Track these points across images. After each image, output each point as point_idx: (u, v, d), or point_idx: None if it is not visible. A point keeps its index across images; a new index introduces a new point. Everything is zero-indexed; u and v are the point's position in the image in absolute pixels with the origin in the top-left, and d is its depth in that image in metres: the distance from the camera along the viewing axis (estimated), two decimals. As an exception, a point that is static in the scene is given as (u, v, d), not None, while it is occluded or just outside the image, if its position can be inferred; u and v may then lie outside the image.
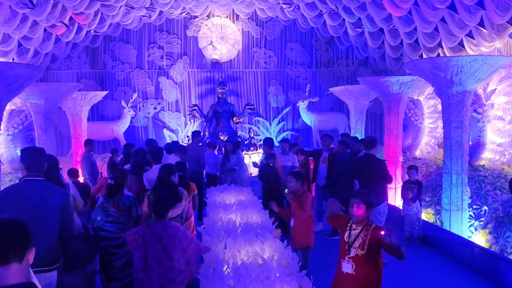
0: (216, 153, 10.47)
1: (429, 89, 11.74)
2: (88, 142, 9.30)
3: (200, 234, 5.22)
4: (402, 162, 10.14)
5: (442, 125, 11.54)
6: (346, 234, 3.80)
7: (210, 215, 5.84)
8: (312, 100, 15.09)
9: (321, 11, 13.15)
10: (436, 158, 11.43)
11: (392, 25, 11.27)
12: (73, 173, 7.20)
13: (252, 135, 14.10)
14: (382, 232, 3.48)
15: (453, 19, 9.88)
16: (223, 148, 12.46)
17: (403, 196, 7.87)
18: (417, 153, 11.82)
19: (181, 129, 15.59)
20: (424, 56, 12.48)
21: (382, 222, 6.43)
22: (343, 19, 13.31)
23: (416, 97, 11.80)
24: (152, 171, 5.95)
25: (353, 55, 15.96)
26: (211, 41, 15.47)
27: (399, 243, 3.45)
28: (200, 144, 9.71)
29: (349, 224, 3.83)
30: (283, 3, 12.73)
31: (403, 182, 7.97)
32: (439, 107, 11.51)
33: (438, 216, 8.42)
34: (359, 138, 9.38)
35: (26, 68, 6.81)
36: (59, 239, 3.56)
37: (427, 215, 8.75)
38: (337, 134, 14.76)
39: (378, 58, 14.64)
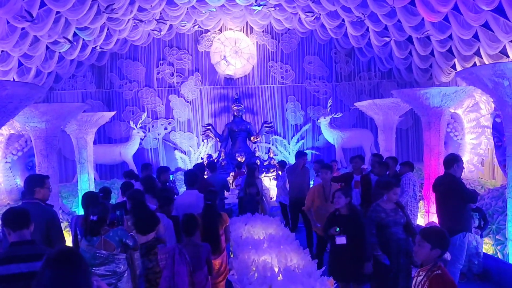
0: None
1: (469, 101, 10.71)
2: (146, 167, 7.68)
3: (230, 283, 4.54)
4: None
5: (486, 141, 10.51)
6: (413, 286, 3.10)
7: (240, 257, 4.86)
8: (335, 116, 14.05)
9: (342, 20, 12.21)
10: (480, 178, 10.28)
11: (426, 32, 10.26)
12: None
13: (271, 155, 13.03)
14: None
15: (497, 22, 8.88)
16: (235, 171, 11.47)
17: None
18: (458, 172, 10.67)
19: (194, 150, 14.57)
20: (458, 65, 11.51)
21: (459, 258, 5.33)
22: (367, 29, 12.36)
23: (453, 111, 10.72)
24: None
25: (376, 67, 14.98)
26: (224, 56, 14.54)
27: None
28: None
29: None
30: (305, 12, 11.77)
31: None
32: (483, 120, 10.47)
33: (499, 247, 7.26)
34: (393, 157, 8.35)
35: (22, 87, 5.84)
36: None
37: (484, 246, 7.57)
38: (362, 152, 13.71)
39: (403, 69, 13.67)
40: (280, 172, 9.83)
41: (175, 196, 6.93)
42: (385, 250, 5.12)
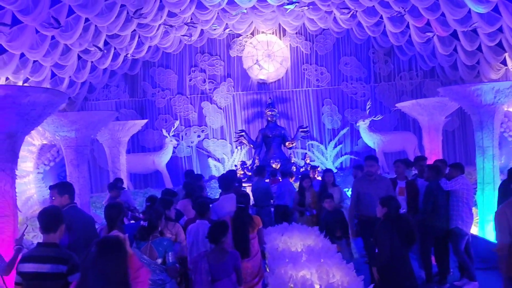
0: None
1: (524, 98, 9.76)
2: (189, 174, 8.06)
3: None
4: (501, 188, 8.16)
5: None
6: None
7: (276, 272, 4.39)
8: (375, 119, 13.30)
9: (381, 17, 11.55)
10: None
11: (473, 24, 9.47)
12: None
13: (308, 161, 12.45)
14: None
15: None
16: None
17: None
18: (513, 176, 9.72)
19: (228, 157, 14.20)
20: (508, 60, 10.62)
21: None
22: (407, 25, 11.64)
23: (506, 109, 9.82)
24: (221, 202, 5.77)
25: (417, 66, 14.17)
26: (257, 60, 14.14)
27: None
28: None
29: None
30: (340, 9, 11.20)
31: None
32: (541, 118, 9.54)
33: None
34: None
35: (44, 92, 5.58)
36: None
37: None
38: (405, 156, 12.90)
39: (448, 67, 12.83)
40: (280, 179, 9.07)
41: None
42: None
